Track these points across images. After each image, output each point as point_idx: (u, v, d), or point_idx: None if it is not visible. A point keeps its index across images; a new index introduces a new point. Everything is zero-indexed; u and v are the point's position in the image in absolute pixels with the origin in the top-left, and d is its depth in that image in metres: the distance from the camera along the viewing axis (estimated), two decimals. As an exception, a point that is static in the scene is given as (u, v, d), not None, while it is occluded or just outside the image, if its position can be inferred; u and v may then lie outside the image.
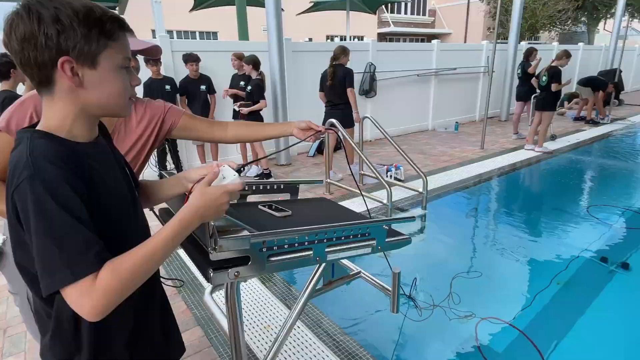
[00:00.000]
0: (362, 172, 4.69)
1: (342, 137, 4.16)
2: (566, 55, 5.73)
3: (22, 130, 0.79)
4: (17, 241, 0.77)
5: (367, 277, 1.78)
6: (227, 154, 5.73)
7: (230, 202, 0.87)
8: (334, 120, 4.04)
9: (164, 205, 1.21)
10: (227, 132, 1.47)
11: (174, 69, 5.08)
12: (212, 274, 0.94)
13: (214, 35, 18.39)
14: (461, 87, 8.81)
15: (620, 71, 11.14)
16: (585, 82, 8.82)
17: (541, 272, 3.00)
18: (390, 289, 1.63)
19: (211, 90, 5.03)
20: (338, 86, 4.68)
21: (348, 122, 4.65)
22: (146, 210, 1.05)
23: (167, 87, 4.80)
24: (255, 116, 4.84)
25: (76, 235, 0.71)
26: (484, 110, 6.53)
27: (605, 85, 8.61)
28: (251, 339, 2.18)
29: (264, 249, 1.00)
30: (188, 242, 1.05)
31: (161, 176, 4.28)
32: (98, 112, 0.83)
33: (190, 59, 4.73)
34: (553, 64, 5.82)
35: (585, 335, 2.34)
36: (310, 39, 14.75)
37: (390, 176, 4.81)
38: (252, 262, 0.99)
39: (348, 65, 4.72)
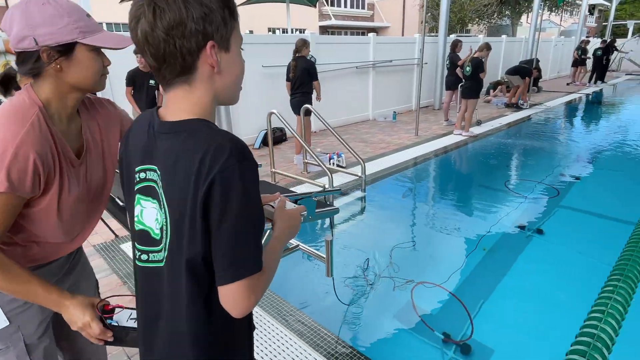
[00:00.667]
0: (306, 160, 4.90)
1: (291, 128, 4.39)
2: (487, 47, 6.33)
3: (190, 121, 0.73)
4: (193, 235, 0.71)
5: (305, 248, 1.98)
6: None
7: None
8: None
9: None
10: None
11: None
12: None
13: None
14: (398, 79, 9.30)
15: (538, 60, 12.34)
16: (513, 71, 9.73)
17: (468, 241, 3.33)
18: (324, 256, 1.85)
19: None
20: (300, 77, 5.00)
21: (308, 110, 5.08)
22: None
23: (152, 81, 4.72)
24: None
25: (262, 227, 0.74)
26: (418, 99, 7.02)
27: (531, 72, 9.58)
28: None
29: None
30: None
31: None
32: (224, 99, 0.80)
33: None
34: (475, 55, 6.40)
35: (506, 292, 2.62)
36: (251, 32, 14.65)
37: (333, 163, 5.07)
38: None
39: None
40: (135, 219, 0.81)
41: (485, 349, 2.10)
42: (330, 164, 5.05)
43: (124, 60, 4.65)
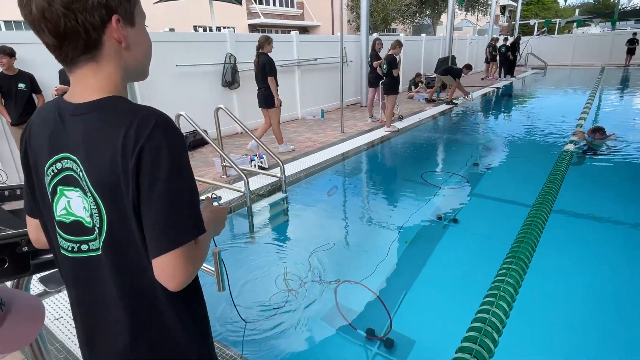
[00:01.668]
0: (224, 164, 4.70)
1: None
2: (398, 45, 6.56)
3: (105, 99, 0.72)
4: (121, 207, 0.70)
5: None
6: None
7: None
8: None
9: None
10: None
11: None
12: None
13: (17, 25, 15.16)
14: (325, 77, 9.36)
15: (454, 57, 13.15)
16: (444, 72, 10.23)
17: (391, 234, 3.38)
18: (212, 269, 1.71)
19: (36, 89, 4.39)
20: (260, 72, 5.31)
21: (270, 103, 5.44)
22: None
23: (22, 85, 4.14)
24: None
25: (198, 196, 0.73)
26: (347, 97, 7.08)
27: (461, 72, 10.17)
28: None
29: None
30: None
31: None
32: (134, 75, 0.80)
33: (2, 52, 4.06)
34: (389, 53, 6.60)
35: (426, 283, 2.68)
36: (172, 29, 13.89)
37: (254, 165, 4.92)
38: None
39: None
40: (63, 211, 0.77)
41: (407, 340, 2.13)
42: (251, 165, 4.89)
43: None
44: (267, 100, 5.43)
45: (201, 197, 1.04)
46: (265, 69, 5.20)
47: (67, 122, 0.72)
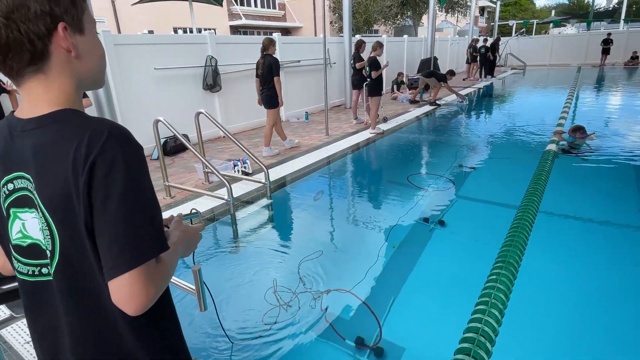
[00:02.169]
0: (206, 170, 4.57)
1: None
2: (379, 46, 6.53)
3: (55, 113, 0.67)
4: (74, 227, 0.66)
5: (175, 282, 1.72)
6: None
7: None
8: None
9: None
10: None
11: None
12: None
13: None
14: (309, 79, 9.28)
15: (436, 58, 13.26)
16: (428, 74, 10.26)
17: (379, 239, 3.32)
18: (193, 287, 1.61)
19: None
20: (266, 74, 5.40)
21: (274, 103, 5.57)
22: None
23: None
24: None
25: (159, 211, 0.69)
26: (331, 99, 7.01)
27: (445, 78, 10.20)
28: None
29: None
30: None
31: None
32: (88, 85, 0.76)
33: None
34: (371, 55, 6.56)
35: (415, 288, 2.64)
36: (151, 31, 13.61)
37: (238, 170, 4.80)
38: None
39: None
40: (19, 234, 0.73)
41: (396, 348, 2.09)
42: (235, 171, 4.77)
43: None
44: (270, 100, 5.55)
45: (168, 221, 0.99)
46: (272, 69, 5.35)
47: (17, 139, 0.68)
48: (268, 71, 5.38)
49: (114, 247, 0.63)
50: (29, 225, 0.71)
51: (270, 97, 5.52)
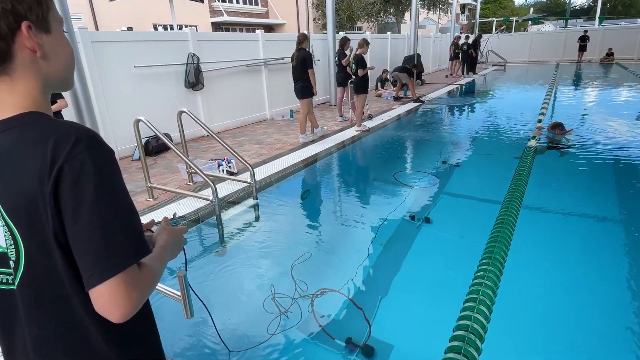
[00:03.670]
0: (190, 170, 4.48)
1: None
2: (365, 43, 6.52)
3: (20, 116, 0.65)
4: (41, 236, 0.63)
5: (160, 289, 1.67)
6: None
7: None
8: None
9: None
10: None
11: None
12: None
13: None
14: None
15: (420, 55, 13.34)
16: (401, 69, 10.35)
17: (366, 237, 3.31)
18: (179, 294, 1.56)
19: None
20: (299, 66, 5.90)
21: (307, 93, 6.09)
22: None
23: None
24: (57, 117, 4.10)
25: (136, 216, 0.67)
26: (315, 96, 6.96)
27: (412, 72, 10.34)
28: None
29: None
30: None
31: None
32: (56, 86, 0.73)
33: None
34: (357, 52, 6.55)
35: (402, 286, 2.64)
36: (130, 28, 13.30)
37: (222, 170, 4.72)
38: None
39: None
40: None
41: (386, 346, 2.09)
42: (219, 171, 4.69)
43: None
44: (304, 91, 6.03)
45: (150, 226, 0.97)
46: (306, 62, 5.82)
47: None
48: (302, 64, 5.86)
49: (90, 256, 0.61)
50: None
51: (304, 88, 6.01)
